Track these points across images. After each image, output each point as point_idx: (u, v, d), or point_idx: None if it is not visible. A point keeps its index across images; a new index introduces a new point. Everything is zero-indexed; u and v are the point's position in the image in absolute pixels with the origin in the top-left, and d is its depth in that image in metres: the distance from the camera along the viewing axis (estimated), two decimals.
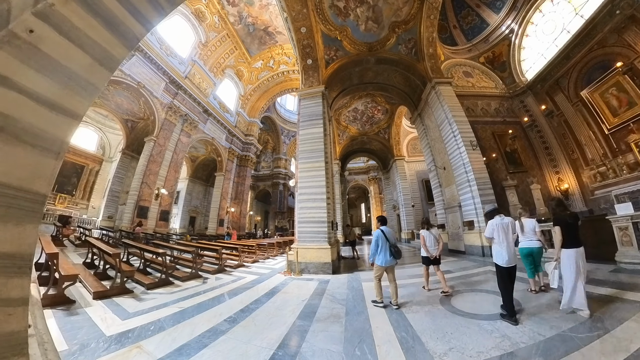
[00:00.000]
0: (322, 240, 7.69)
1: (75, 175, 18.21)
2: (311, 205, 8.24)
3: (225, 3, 16.83)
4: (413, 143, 21.84)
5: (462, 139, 10.02)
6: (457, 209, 10.28)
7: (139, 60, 14.14)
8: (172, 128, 15.82)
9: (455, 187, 10.44)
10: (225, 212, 20.09)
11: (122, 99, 15.30)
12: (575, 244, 3.21)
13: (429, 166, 13.05)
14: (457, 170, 10.13)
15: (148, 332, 3.11)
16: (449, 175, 10.95)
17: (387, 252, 3.94)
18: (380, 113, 18.28)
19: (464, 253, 9.84)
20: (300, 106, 10.37)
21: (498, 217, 3.55)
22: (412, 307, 3.86)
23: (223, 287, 5.49)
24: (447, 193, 11.49)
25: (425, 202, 21.07)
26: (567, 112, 13.18)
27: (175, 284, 5.43)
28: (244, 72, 22.23)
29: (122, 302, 4.20)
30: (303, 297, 4.66)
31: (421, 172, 21.78)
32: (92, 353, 2.60)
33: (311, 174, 8.63)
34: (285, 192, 32.06)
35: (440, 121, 11.18)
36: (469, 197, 9.58)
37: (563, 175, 13.48)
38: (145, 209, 13.49)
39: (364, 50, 12.18)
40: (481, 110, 14.71)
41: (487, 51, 16.07)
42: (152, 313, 3.75)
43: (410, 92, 13.94)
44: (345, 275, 6.64)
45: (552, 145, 13.99)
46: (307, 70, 11.12)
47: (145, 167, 13.93)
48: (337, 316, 3.59)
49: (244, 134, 23.33)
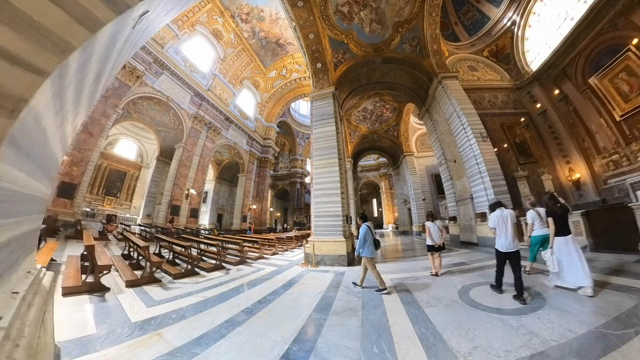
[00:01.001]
0: (337, 233, 7.39)
1: (120, 180, 19.27)
2: (326, 199, 7.96)
3: (239, 21, 17.04)
4: (421, 139, 20.90)
5: (472, 131, 9.29)
6: (469, 201, 9.55)
7: (167, 77, 14.57)
8: (198, 135, 16.19)
9: (466, 179, 9.71)
10: (248, 209, 20.32)
11: (155, 112, 15.84)
12: (565, 232, 3.47)
13: (439, 160, 12.30)
14: (468, 162, 9.41)
15: (170, 320, 2.99)
16: (460, 167, 10.22)
17: (373, 245, 4.10)
18: (389, 111, 17.59)
19: (477, 245, 9.13)
20: (313, 107, 10.11)
21: (499, 209, 3.69)
22: (429, 300, 3.45)
23: (243, 277, 5.29)
24: (458, 185, 10.75)
25: (435, 195, 20.13)
26: (575, 101, 11.90)
27: (201, 274, 5.33)
28: (260, 82, 22.36)
29: (150, 290, 4.15)
30: (319, 289, 4.35)
31: (430, 166, 20.81)
32: (116, 338, 2.53)
33: (325, 170, 8.34)
34: (302, 190, 32.08)
35: (449, 115, 10.46)
36: (481, 189, 8.86)
37: (574, 165, 12.22)
38: (177, 207, 13.90)
39: (370, 51, 11.69)
40: (488, 102, 13.68)
41: (490, 44, 14.93)
42: (176, 302, 3.64)
43: (417, 89, 13.22)
44: (360, 268, 6.22)
45: (562, 134, 12.72)
46: (317, 74, 10.83)
47: (176, 170, 14.35)
48: (353, 309, 3.28)
49: (262, 138, 23.48)
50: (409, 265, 6.20)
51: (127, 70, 12.51)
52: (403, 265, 6.29)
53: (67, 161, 10.10)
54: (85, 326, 2.78)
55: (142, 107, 15.32)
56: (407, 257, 8.13)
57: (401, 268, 5.94)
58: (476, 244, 9.18)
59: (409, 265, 6.32)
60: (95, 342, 2.43)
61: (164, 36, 14.24)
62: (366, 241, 4.09)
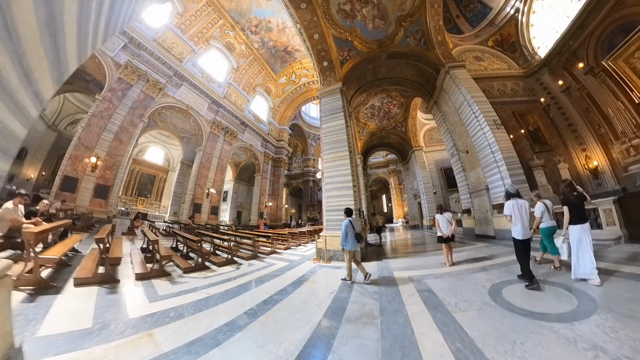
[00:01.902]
0: None
1: (150, 183, 19.97)
2: (337, 193, 7.26)
3: (249, 33, 16.99)
4: (429, 134, 19.67)
5: (485, 119, 8.29)
6: (484, 192, 8.54)
7: (187, 88, 14.69)
8: (216, 139, 16.23)
9: (480, 169, 8.70)
10: (264, 206, 20.19)
11: (178, 120, 16.06)
12: (580, 220, 3.19)
13: (450, 151, 11.23)
14: (482, 151, 8.41)
15: (166, 318, 2.58)
16: (473, 158, 9.21)
17: (354, 238, 3.93)
18: (396, 107, 16.60)
19: (494, 238, 8.11)
20: (322, 103, 9.51)
21: (512, 199, 3.53)
22: (458, 303, 2.73)
23: (253, 273, 4.78)
24: (472, 177, 9.71)
25: (445, 189, 18.87)
26: (589, 85, 10.38)
27: (211, 269, 4.95)
28: (272, 88, 22.16)
29: (157, 284, 3.80)
30: (331, 288, 3.72)
31: (439, 160, 19.55)
32: (107, 335, 2.19)
33: (336, 163, 7.67)
34: (315, 188, 31.77)
35: (459, 104, 9.47)
36: (497, 179, 7.86)
37: (591, 152, 10.76)
38: (198, 205, 13.97)
39: (375, 47, 10.92)
40: (498, 91, 12.42)
41: (494, 34, 13.56)
42: (179, 298, 3.24)
43: (423, 83, 12.24)
44: (375, 264, 5.51)
45: (576, 121, 11.22)
46: (324, 72, 10.25)
47: (197, 171, 14.42)
48: (370, 315, 2.62)
49: (276, 139, 23.30)
50: (425, 261, 5.44)
51: (151, 84, 12.68)
52: (419, 261, 5.53)
53: (101, 166, 10.35)
54: (83, 319, 2.49)
55: (166, 116, 15.56)
56: (421, 251, 7.29)
57: (417, 264, 5.20)
58: (493, 237, 8.19)
59: (424, 260, 5.56)
60: (86, 338, 2.14)
61: (182, 51, 14.35)
62: (347, 235, 3.95)
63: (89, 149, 10.13)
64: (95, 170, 10.11)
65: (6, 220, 3.86)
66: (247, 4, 15.30)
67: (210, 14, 14.78)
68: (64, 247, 3.84)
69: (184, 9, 13.83)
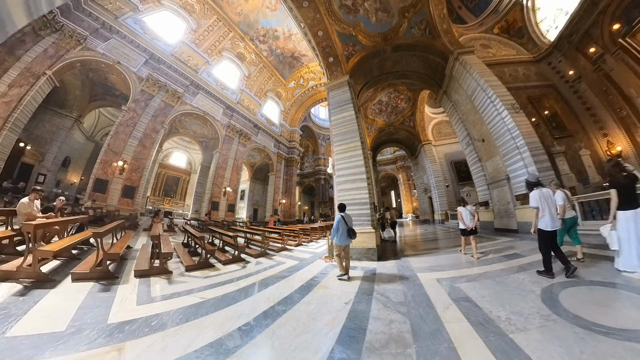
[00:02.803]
0: (365, 223, 5.66)
1: (175, 184, 20.53)
2: (350, 186, 6.28)
3: (257, 42, 16.82)
4: (437, 127, 18.24)
5: (502, 103, 7.15)
6: (505, 182, 7.38)
7: (202, 96, 14.69)
8: (231, 141, 16.14)
9: (499, 158, 7.55)
10: (278, 203, 19.89)
11: (196, 127, 16.17)
12: (632, 205, 2.59)
13: (464, 141, 10.02)
14: (501, 138, 7.27)
15: (146, 328, 2.06)
16: (490, 146, 8.05)
17: (345, 233, 3.69)
18: (403, 102, 15.43)
19: (517, 232, 6.96)
20: (330, 97, 8.72)
21: (536, 188, 3.12)
22: (511, 318, 1.91)
23: (259, 274, 4.07)
24: (489, 167, 8.52)
25: (456, 183, 17.38)
26: (606, 65, 8.79)
27: (216, 267, 4.37)
28: (282, 93, 21.83)
29: (155, 282, 3.34)
30: (346, 296, 2.85)
31: (449, 154, 18.06)
32: (74, 344, 1.76)
33: (347, 155, 6.74)
34: (326, 185, 31.32)
35: (472, 90, 8.33)
36: (520, 167, 6.71)
37: (613, 137, 9.24)
38: (216, 203, 13.91)
39: (379, 40, 10.01)
40: (510, 76, 11.01)
41: (499, 21, 12.09)
42: (170, 301, 2.72)
43: (431, 73, 11.10)
44: (393, 263, 4.63)
45: (594, 104, 9.63)
46: (330, 67, 9.53)
47: (214, 172, 14.38)
48: (400, 341, 1.78)
49: (287, 140, 22.95)
50: (450, 259, 4.50)
51: (170, 93, 12.77)
52: (442, 259, 4.58)
53: (127, 169, 10.49)
54: (60, 320, 2.11)
55: (186, 123, 15.70)
56: (441, 247, 6.26)
57: (442, 262, 4.27)
58: (515, 231, 7.03)
59: (448, 258, 4.60)
60: (52, 344, 1.77)
61: (197, 63, 14.44)
62: (338, 230, 3.69)
63: (116, 154, 10.29)
64: (123, 173, 10.26)
65: (22, 214, 3.84)
66: (254, 16, 15.12)
67: (221, 28, 14.78)
68: (68, 241, 3.52)
69: (197, 25, 13.91)
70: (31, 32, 8.66)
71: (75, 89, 12.53)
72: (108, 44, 10.55)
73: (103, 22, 10.31)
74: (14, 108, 8.38)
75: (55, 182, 12.88)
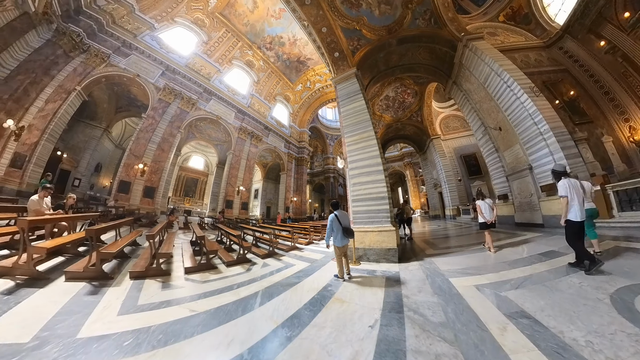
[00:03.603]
0: (384, 220, 4.74)
1: (194, 185, 21.07)
2: (365, 179, 5.42)
3: (264, 50, 16.75)
4: (445, 122, 16.96)
5: (520, 87, 6.16)
6: (527, 172, 6.38)
7: (215, 101, 14.76)
8: (243, 143, 16.10)
9: (520, 146, 6.56)
10: (290, 201, 19.62)
11: (211, 131, 16.29)
12: None
13: (479, 131, 8.96)
14: (521, 125, 6.28)
15: (115, 350, 1.62)
16: (508, 135, 7.05)
17: (341, 233, 3.23)
18: (410, 97, 14.41)
19: (542, 226, 5.96)
20: (338, 90, 8.04)
21: (564, 178, 2.74)
22: (591, 341, 1.30)
23: (264, 279, 3.41)
24: (508, 157, 7.47)
25: (466, 177, 16.04)
26: (623, 45, 7.59)
27: (218, 269, 3.86)
28: (290, 96, 21.54)
29: (147, 286, 2.94)
30: (369, 314, 2.08)
31: (458, 148, 16.73)
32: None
33: (361, 145, 5.91)
34: (336, 184, 30.84)
35: (485, 77, 7.36)
36: (545, 154, 5.72)
37: (635, 122, 8.03)
38: (230, 201, 13.88)
39: (384, 33, 9.23)
40: (521, 62, 9.83)
41: (504, 8, 10.90)
42: (155, 312, 2.25)
43: (438, 64, 10.13)
44: (417, 265, 3.73)
45: (612, 87, 8.31)
46: (336, 62, 8.89)
47: (228, 172, 14.40)
48: None
49: (297, 141, 22.67)
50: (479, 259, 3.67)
51: (185, 100, 12.88)
52: (472, 259, 3.72)
53: (147, 171, 10.63)
54: (29, 329, 1.78)
55: (202, 128, 15.85)
56: (464, 245, 5.27)
57: (472, 263, 3.46)
58: (541, 225, 6.03)
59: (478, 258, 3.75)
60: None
61: (209, 72, 14.57)
62: (333, 231, 3.26)
63: (137, 158, 10.47)
64: (144, 175, 10.38)
65: (31, 211, 3.73)
66: (259, 25, 15.08)
67: (230, 39, 14.91)
68: (66, 239, 3.28)
69: (208, 37, 14.10)
70: (63, 55, 9.04)
71: (103, 102, 13.04)
72: (129, 60, 10.82)
73: (124, 41, 10.64)
74: (49, 121, 8.72)
75: (89, 185, 13.50)
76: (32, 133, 8.34)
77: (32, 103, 8.41)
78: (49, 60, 8.70)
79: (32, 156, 8.26)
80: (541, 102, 5.98)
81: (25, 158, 8.10)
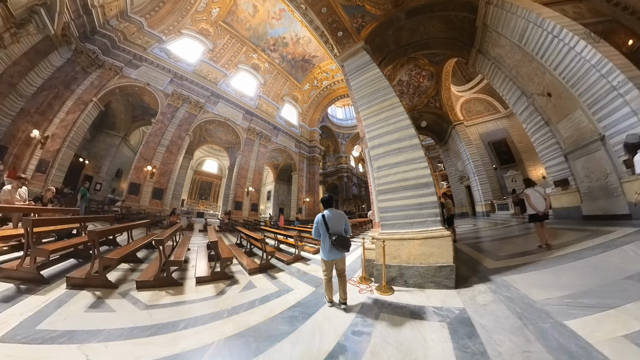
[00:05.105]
0: (430, 220, 3.00)
1: (208, 188, 21.73)
2: (394, 159, 3.59)
3: (269, 52, 16.75)
4: (466, 106, 15.04)
5: (573, 33, 4.67)
6: (598, 144, 4.77)
7: (223, 104, 14.86)
8: (252, 143, 15.99)
9: (582, 112, 5.00)
10: (302, 202, 18.95)
11: (221, 134, 16.46)
12: None
13: (518, 103, 7.25)
14: (582, 82, 4.76)
15: None
16: (562, 100, 5.49)
17: (328, 243, 2.09)
18: (426, 79, 12.94)
19: (629, 217, 4.20)
20: (345, 67, 6.84)
21: None
22: None
23: (233, 315, 2.07)
24: (565, 129, 5.80)
25: (498, 167, 13.86)
26: None
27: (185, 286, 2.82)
28: (298, 96, 21.21)
29: (80, 298, 2.30)
30: None
31: (485, 134, 14.65)
32: None
33: (383, 116, 4.14)
34: (349, 183, 29.80)
35: (520, 33, 5.90)
36: (624, 115, 4.16)
37: None
38: (239, 203, 13.63)
39: (390, 7, 8.12)
40: (573, 13, 7.77)
41: None
42: (37, 347, 1.49)
43: (456, 35, 8.72)
44: (488, 292, 2.19)
45: None
46: (340, 41, 7.93)
47: (237, 173, 14.24)
48: None
49: (308, 140, 22.18)
50: (583, 274, 2.27)
51: (193, 104, 13.10)
52: (569, 276, 2.30)
53: (157, 173, 10.75)
54: None
55: (212, 131, 16.07)
56: (533, 250, 3.50)
57: (576, 283, 2.08)
58: (627, 217, 4.30)
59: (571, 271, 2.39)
60: None
61: (216, 76, 14.83)
62: (320, 236, 2.18)
63: (147, 160, 10.68)
64: (153, 177, 10.51)
65: (1, 200, 3.57)
66: (262, 28, 15.05)
67: (234, 45, 15.15)
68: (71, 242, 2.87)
69: (214, 45, 14.50)
70: (81, 71, 9.83)
71: (120, 113, 13.86)
72: (139, 70, 11.36)
73: (135, 54, 11.30)
74: (70, 130, 9.27)
75: (110, 189, 14.31)
76: (54, 141, 8.88)
77: (55, 115, 9.01)
78: (70, 76, 9.43)
79: (55, 162, 8.75)
80: (605, 48, 4.45)
81: (48, 163, 8.57)
